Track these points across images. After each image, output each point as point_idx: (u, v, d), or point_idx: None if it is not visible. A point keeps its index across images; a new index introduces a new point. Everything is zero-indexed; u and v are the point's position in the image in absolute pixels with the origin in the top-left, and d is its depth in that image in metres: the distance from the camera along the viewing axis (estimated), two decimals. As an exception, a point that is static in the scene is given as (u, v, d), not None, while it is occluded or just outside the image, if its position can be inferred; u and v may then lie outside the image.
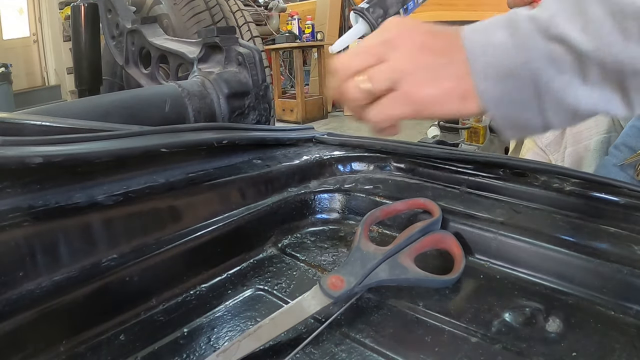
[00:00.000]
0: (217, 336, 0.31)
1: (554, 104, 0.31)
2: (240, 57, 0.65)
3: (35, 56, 5.46)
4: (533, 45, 0.30)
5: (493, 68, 0.31)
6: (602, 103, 0.30)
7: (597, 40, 0.29)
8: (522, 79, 0.31)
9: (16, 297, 0.28)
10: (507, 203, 0.41)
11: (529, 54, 0.30)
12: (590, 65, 0.29)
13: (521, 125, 0.33)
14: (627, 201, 0.38)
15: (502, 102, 0.32)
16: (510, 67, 0.31)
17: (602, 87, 0.30)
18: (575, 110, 0.31)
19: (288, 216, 0.45)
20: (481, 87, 0.32)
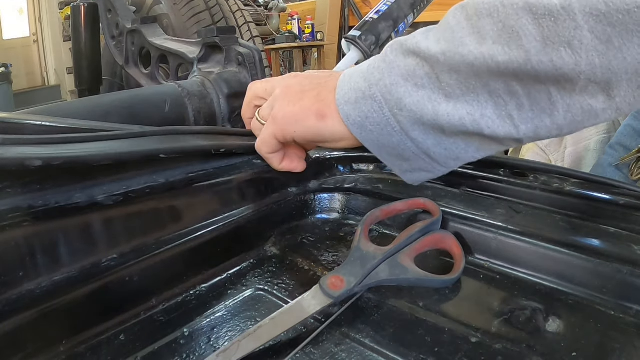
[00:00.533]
0: (217, 336, 0.31)
1: (411, 122, 0.30)
2: (240, 57, 0.64)
3: (35, 56, 5.47)
4: (389, 64, 0.30)
5: (353, 92, 0.32)
6: (471, 118, 0.28)
7: (448, 44, 0.27)
8: (375, 98, 0.31)
9: (16, 297, 0.28)
10: (507, 203, 0.41)
11: (381, 73, 0.30)
12: (444, 72, 0.28)
13: (398, 154, 0.32)
14: (627, 201, 0.38)
15: (364, 126, 0.32)
16: (364, 87, 0.31)
17: (466, 99, 0.28)
18: (440, 127, 0.29)
19: (288, 216, 0.45)
20: (344, 112, 0.32)
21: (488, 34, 0.26)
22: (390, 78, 0.30)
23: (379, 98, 0.31)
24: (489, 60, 0.26)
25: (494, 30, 0.25)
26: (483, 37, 0.26)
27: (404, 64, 0.30)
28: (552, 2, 0.23)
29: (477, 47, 0.26)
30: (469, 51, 0.26)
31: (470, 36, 0.27)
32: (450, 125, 0.29)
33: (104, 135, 0.35)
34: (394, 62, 0.30)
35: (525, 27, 0.24)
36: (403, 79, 0.30)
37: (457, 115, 0.28)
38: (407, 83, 0.29)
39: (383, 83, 0.30)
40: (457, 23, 0.28)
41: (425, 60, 0.29)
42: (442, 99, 0.28)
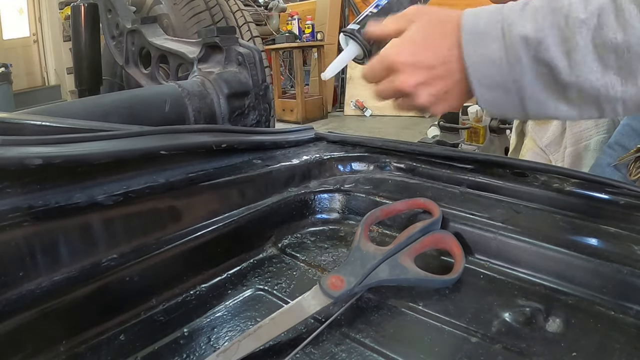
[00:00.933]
0: (217, 336, 0.31)
1: (536, 110, 0.36)
2: (240, 57, 0.64)
3: (35, 56, 5.47)
4: (522, 65, 0.34)
5: (488, 79, 0.36)
6: (579, 114, 0.35)
7: (578, 68, 0.32)
8: (510, 91, 0.35)
9: (16, 297, 0.28)
10: (507, 203, 0.41)
11: (519, 73, 0.35)
12: (571, 88, 0.33)
13: (508, 117, 0.40)
14: (627, 201, 0.38)
15: (494, 104, 0.37)
16: (501, 81, 0.35)
17: (580, 105, 0.34)
18: (554, 117, 0.37)
19: (288, 216, 0.45)
20: (478, 92, 0.37)
21: (611, 67, 0.31)
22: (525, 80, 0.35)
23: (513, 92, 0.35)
24: (610, 89, 0.32)
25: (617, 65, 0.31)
26: (606, 68, 0.32)
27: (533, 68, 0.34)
28: None
29: (602, 75, 0.32)
30: (597, 79, 0.32)
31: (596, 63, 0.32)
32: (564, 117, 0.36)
33: (103, 134, 0.35)
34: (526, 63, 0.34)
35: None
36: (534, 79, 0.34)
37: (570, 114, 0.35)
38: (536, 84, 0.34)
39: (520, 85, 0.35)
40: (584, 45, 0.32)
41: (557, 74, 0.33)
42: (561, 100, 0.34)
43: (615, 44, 0.31)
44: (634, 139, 0.87)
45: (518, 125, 1.20)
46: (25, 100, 4.42)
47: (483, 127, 2.20)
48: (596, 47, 0.32)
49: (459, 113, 2.35)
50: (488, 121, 2.15)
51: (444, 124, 2.28)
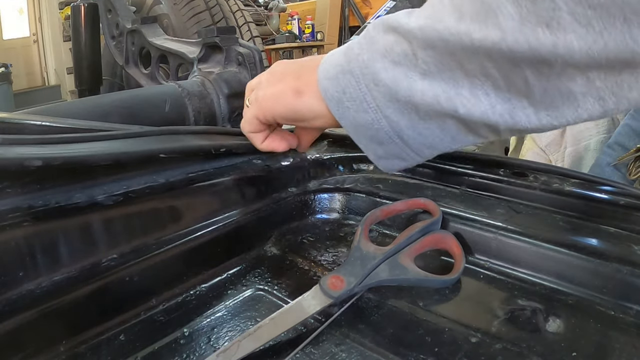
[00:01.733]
0: (217, 336, 0.31)
1: (386, 97, 0.29)
2: (240, 57, 0.65)
3: (35, 56, 5.46)
4: (369, 40, 0.30)
5: (332, 67, 0.32)
6: (445, 96, 0.27)
7: (426, 19, 0.27)
8: (353, 73, 0.30)
9: (16, 297, 0.28)
10: (507, 203, 0.41)
11: (361, 48, 0.30)
12: (420, 48, 0.27)
13: (373, 135, 0.32)
14: (627, 201, 0.38)
15: (342, 102, 0.32)
16: (344, 62, 0.31)
17: (442, 77, 0.27)
18: (414, 105, 0.29)
19: (288, 216, 0.45)
20: (322, 86, 0.32)
21: (467, 12, 0.25)
22: (368, 53, 0.30)
23: (357, 72, 0.30)
24: (464, 37, 0.25)
25: (473, 9, 0.25)
26: (462, 15, 0.25)
27: (383, 41, 0.29)
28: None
29: (455, 24, 0.25)
30: (445, 27, 0.26)
31: (449, 14, 0.26)
32: (425, 103, 0.28)
33: (103, 135, 0.35)
34: (374, 37, 0.30)
35: (504, 5, 0.24)
36: (381, 55, 0.29)
37: (431, 92, 0.28)
38: (385, 59, 0.29)
39: (361, 58, 0.30)
40: (439, 1, 0.27)
41: (404, 37, 0.28)
42: (417, 76, 0.28)
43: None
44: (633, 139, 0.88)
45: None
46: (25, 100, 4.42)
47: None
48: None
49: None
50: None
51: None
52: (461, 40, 0.25)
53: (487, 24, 0.24)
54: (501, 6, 0.24)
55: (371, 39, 0.30)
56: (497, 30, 0.24)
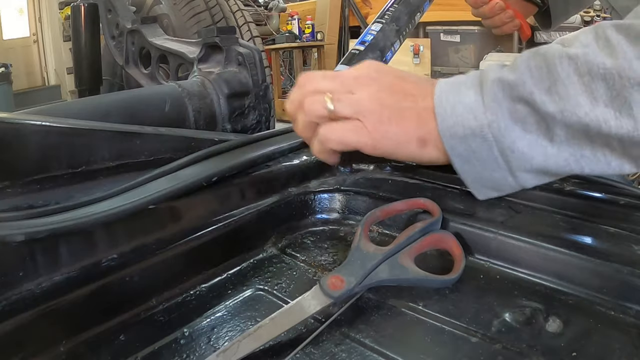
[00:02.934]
0: (217, 336, 0.31)
1: (521, 162, 0.32)
2: (240, 57, 0.64)
3: (35, 56, 5.46)
4: (498, 106, 0.31)
5: (460, 127, 0.32)
6: (573, 161, 0.31)
7: (562, 102, 0.29)
8: (487, 139, 0.31)
9: (16, 297, 0.28)
10: (507, 203, 0.40)
11: (494, 114, 0.31)
12: (556, 126, 0.30)
13: (494, 186, 0.34)
14: (627, 201, 0.38)
15: (470, 160, 0.33)
16: (475, 127, 0.32)
17: (571, 147, 0.30)
18: (544, 168, 0.32)
19: (288, 216, 0.45)
20: (448, 143, 0.33)
21: (601, 98, 0.28)
22: (504, 121, 0.31)
23: (490, 139, 0.32)
24: (602, 123, 0.28)
25: (607, 96, 0.28)
26: (596, 100, 0.28)
27: (513, 108, 0.31)
28: None
29: (591, 108, 0.28)
30: (585, 113, 0.28)
31: (583, 95, 0.28)
32: (557, 167, 0.31)
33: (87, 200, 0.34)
34: (503, 103, 0.31)
35: (638, 100, 0.27)
36: (514, 122, 0.31)
37: (562, 157, 0.31)
38: (516, 127, 0.31)
39: (496, 125, 0.31)
40: (567, 76, 0.29)
41: (539, 114, 0.30)
42: (547, 142, 0.31)
43: (603, 71, 0.28)
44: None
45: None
46: (25, 100, 4.42)
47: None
48: (581, 77, 0.28)
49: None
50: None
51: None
52: (599, 126, 0.28)
53: (622, 113, 0.27)
54: (635, 100, 0.27)
55: (500, 104, 0.31)
56: (630, 120, 0.27)
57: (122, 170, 0.37)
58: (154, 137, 0.42)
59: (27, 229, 0.28)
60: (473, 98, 0.32)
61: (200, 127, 0.61)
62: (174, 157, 0.43)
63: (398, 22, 0.50)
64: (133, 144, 0.40)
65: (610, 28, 0.29)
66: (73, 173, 0.34)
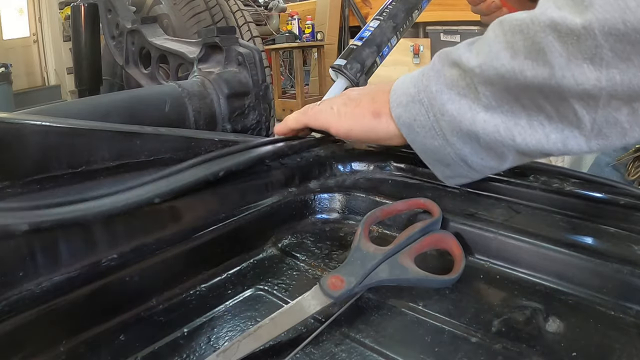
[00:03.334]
0: (217, 336, 0.31)
1: (451, 128, 0.32)
2: (240, 57, 0.65)
3: (35, 56, 5.46)
4: (435, 72, 0.33)
5: (404, 96, 0.35)
6: (502, 128, 0.30)
7: (484, 56, 0.29)
8: (423, 103, 0.34)
9: (16, 297, 0.28)
10: (507, 203, 0.41)
11: (428, 79, 0.33)
12: (480, 84, 0.30)
13: (440, 159, 0.36)
14: (627, 201, 0.38)
15: (412, 128, 0.35)
16: (414, 92, 0.34)
17: (502, 110, 0.30)
18: (475, 135, 0.31)
19: (288, 216, 0.45)
20: (395, 113, 0.36)
21: (520, 49, 0.28)
22: (436, 85, 0.33)
23: (426, 102, 0.34)
24: (518, 74, 0.28)
25: (525, 46, 0.27)
26: (516, 52, 0.28)
27: (449, 74, 0.33)
28: (575, 21, 0.25)
29: (510, 61, 0.28)
30: (502, 64, 0.28)
31: (504, 50, 0.28)
32: (486, 133, 0.31)
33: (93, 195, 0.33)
34: (440, 71, 0.33)
35: (551, 43, 0.26)
36: (447, 87, 0.32)
37: (492, 123, 0.31)
38: (451, 91, 0.32)
39: (429, 89, 0.33)
40: (494, 37, 0.29)
41: (465, 72, 0.31)
42: (480, 108, 0.31)
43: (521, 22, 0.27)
44: (632, 139, 0.87)
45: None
46: (25, 100, 4.42)
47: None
48: (504, 35, 0.28)
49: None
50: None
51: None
52: (515, 77, 0.28)
53: (538, 61, 0.27)
54: (549, 44, 0.26)
55: (438, 71, 0.33)
56: (546, 68, 0.26)
57: (122, 170, 0.37)
58: (154, 137, 0.42)
59: (32, 218, 0.28)
60: (420, 71, 0.35)
61: (200, 127, 0.61)
62: (174, 157, 0.43)
63: (395, 19, 0.51)
64: (133, 144, 0.40)
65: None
66: (73, 173, 0.34)
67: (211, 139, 0.49)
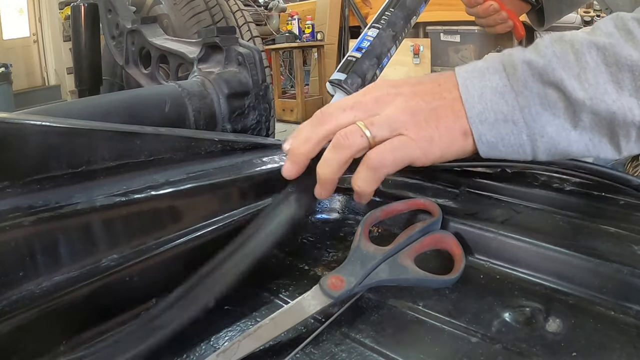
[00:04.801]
0: (217, 336, 0.31)
1: (547, 147, 0.32)
2: (240, 57, 0.64)
3: (35, 56, 5.46)
4: (529, 91, 0.31)
5: (491, 112, 0.31)
6: (591, 146, 0.31)
7: (592, 90, 0.30)
8: (518, 124, 0.31)
9: (16, 297, 0.28)
10: (507, 203, 0.41)
11: (526, 99, 0.31)
12: (583, 112, 0.30)
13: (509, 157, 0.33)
14: (627, 201, 0.38)
15: (497, 147, 0.32)
16: (507, 111, 0.31)
17: (592, 132, 0.31)
18: (566, 153, 0.32)
19: (288, 216, 0.45)
20: (477, 130, 0.32)
21: (626, 87, 0.29)
22: (534, 107, 0.31)
23: (522, 124, 0.31)
24: (627, 111, 0.29)
25: (632, 86, 0.29)
26: (622, 89, 0.29)
27: (544, 94, 0.31)
28: None
29: (618, 97, 0.29)
30: (613, 101, 0.29)
31: (610, 84, 0.30)
32: (577, 152, 0.32)
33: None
34: (533, 88, 0.31)
35: None
36: (542, 108, 0.31)
37: (582, 142, 0.31)
38: (546, 112, 0.31)
39: (528, 110, 0.31)
40: (596, 65, 0.30)
41: (568, 100, 0.30)
42: (571, 127, 0.31)
43: (630, 62, 0.29)
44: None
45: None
46: (25, 100, 4.42)
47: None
48: (609, 67, 0.29)
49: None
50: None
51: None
52: (624, 114, 0.30)
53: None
54: None
55: (531, 89, 0.31)
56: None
57: (122, 170, 0.37)
58: (154, 137, 0.42)
59: None
60: (500, 82, 0.31)
61: (200, 127, 0.61)
62: (174, 157, 0.43)
63: (394, 27, 0.49)
64: (133, 144, 0.40)
65: (631, 20, 0.30)
66: (73, 173, 0.34)
67: (211, 139, 0.49)
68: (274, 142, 0.58)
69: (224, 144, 0.49)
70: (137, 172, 0.37)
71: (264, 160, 0.50)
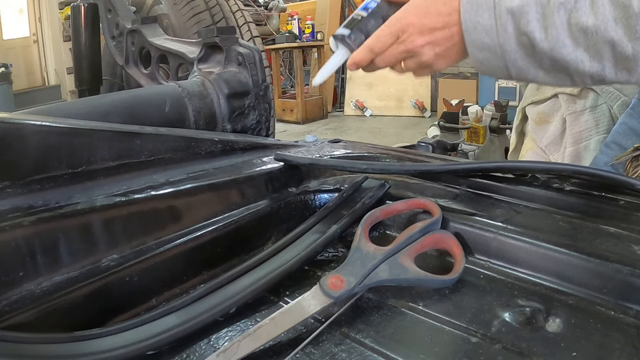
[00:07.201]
0: (217, 336, 0.31)
1: (517, 72, 0.42)
2: (240, 57, 0.64)
3: (35, 56, 5.46)
4: (508, 33, 0.40)
5: (480, 42, 0.41)
6: (554, 82, 0.41)
7: (553, 42, 0.38)
8: (497, 54, 0.41)
9: (16, 297, 0.28)
10: (507, 203, 0.41)
11: (504, 39, 0.40)
12: (545, 58, 0.39)
13: (495, 76, 0.45)
14: (627, 201, 0.38)
15: (483, 64, 0.43)
16: (491, 44, 0.41)
17: (554, 74, 0.40)
18: (533, 81, 0.42)
19: (288, 216, 0.45)
20: (471, 52, 0.42)
21: (581, 44, 0.37)
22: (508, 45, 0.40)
23: (499, 54, 0.40)
24: (579, 63, 0.38)
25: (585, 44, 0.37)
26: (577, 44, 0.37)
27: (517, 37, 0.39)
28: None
29: (573, 50, 0.37)
30: (568, 53, 0.38)
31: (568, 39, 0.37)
32: (541, 82, 0.41)
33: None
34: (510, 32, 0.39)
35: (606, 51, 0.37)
36: (517, 46, 0.40)
37: (547, 79, 0.41)
38: (519, 50, 0.40)
39: (502, 47, 0.40)
40: (560, 24, 0.37)
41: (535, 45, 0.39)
42: (538, 68, 0.40)
43: (586, 25, 0.36)
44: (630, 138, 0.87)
45: (518, 125, 1.21)
46: (25, 100, 4.42)
47: (483, 127, 2.20)
48: (570, 26, 0.37)
49: (459, 113, 2.35)
50: (488, 121, 2.15)
51: (444, 124, 2.28)
52: (577, 64, 0.38)
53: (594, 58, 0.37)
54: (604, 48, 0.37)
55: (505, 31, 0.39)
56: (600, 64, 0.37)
57: (122, 170, 0.37)
58: (154, 137, 0.42)
59: None
60: (488, 22, 0.40)
61: (200, 127, 0.61)
62: (174, 157, 0.43)
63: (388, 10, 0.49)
64: (133, 144, 0.40)
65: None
66: (73, 173, 0.34)
67: (211, 139, 0.49)
68: (274, 142, 0.58)
69: (224, 144, 0.49)
70: (137, 172, 0.37)
71: (264, 160, 0.50)
